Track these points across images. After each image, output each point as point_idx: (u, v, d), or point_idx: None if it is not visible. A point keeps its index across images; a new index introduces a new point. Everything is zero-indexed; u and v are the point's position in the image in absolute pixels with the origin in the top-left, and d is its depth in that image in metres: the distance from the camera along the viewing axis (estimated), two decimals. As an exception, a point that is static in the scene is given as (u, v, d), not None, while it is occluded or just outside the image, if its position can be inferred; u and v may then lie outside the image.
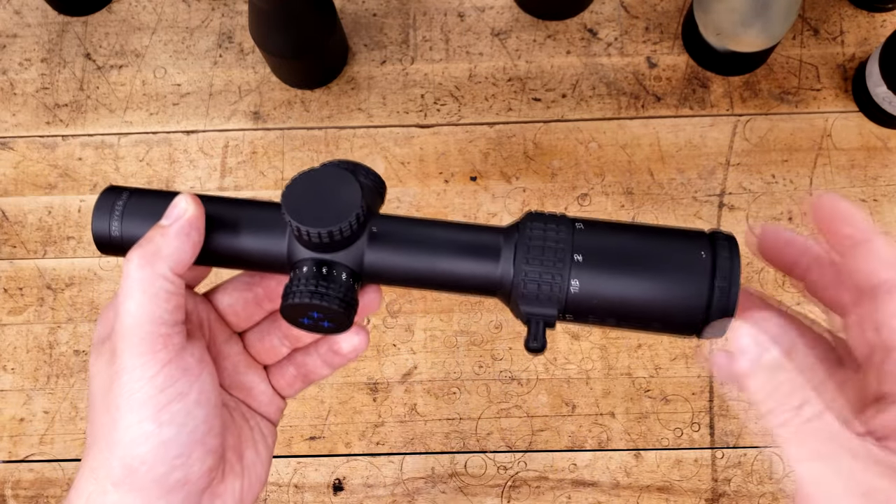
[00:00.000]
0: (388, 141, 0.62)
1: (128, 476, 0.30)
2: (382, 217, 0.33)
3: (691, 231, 0.32)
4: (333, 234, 0.31)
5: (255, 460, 0.36)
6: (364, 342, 0.36)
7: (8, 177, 0.63)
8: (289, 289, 0.31)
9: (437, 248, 0.32)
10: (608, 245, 0.31)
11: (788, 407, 0.26)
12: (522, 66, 0.63)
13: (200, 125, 0.63)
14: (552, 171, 0.61)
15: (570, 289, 0.30)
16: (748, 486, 0.56)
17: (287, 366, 0.38)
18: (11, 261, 0.61)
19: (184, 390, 0.31)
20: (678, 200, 0.60)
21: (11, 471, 0.58)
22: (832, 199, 0.30)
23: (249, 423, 0.36)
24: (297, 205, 0.31)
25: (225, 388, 0.36)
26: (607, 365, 0.58)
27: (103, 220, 0.33)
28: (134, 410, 0.30)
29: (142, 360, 0.30)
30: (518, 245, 0.31)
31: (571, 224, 0.31)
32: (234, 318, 0.37)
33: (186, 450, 0.31)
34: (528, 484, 0.56)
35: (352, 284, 0.32)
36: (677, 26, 0.63)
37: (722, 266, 0.30)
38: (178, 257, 0.31)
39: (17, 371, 0.59)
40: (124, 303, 0.30)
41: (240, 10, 0.65)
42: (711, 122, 0.61)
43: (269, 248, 0.33)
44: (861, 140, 0.60)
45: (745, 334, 0.27)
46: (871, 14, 0.63)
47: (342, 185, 0.31)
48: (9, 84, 0.64)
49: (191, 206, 0.31)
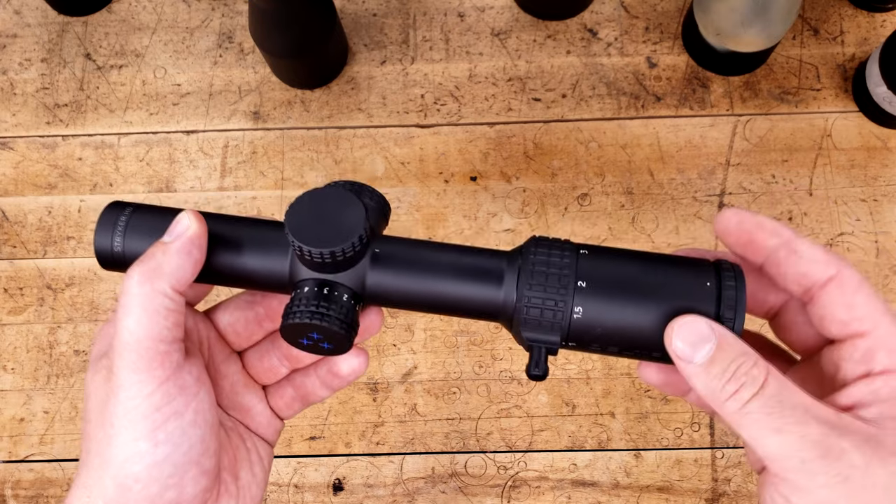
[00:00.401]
0: (388, 141, 0.62)
1: (121, 495, 0.30)
2: (386, 238, 0.33)
3: (697, 260, 0.31)
4: (336, 254, 0.30)
5: (251, 481, 0.35)
6: (363, 365, 0.35)
7: (8, 177, 0.63)
8: (289, 309, 0.31)
9: (440, 271, 0.32)
10: (613, 272, 0.30)
11: (737, 389, 0.27)
12: (522, 66, 0.63)
13: (200, 125, 0.63)
14: (552, 171, 0.61)
15: (574, 315, 0.30)
16: (748, 486, 0.56)
17: (286, 386, 0.37)
18: (11, 261, 0.61)
19: (180, 409, 0.30)
20: (678, 200, 0.60)
21: (11, 471, 0.58)
22: (741, 215, 0.31)
23: (246, 443, 0.36)
24: (300, 224, 0.30)
25: (223, 407, 0.36)
26: (607, 365, 0.58)
27: (106, 236, 0.33)
28: (129, 428, 0.30)
29: (139, 377, 0.30)
30: (521, 270, 0.31)
31: (576, 250, 0.31)
32: (234, 336, 0.36)
33: (181, 470, 0.30)
34: (528, 484, 0.56)
35: (353, 306, 0.32)
36: (677, 26, 0.63)
37: (727, 296, 0.30)
38: (179, 275, 0.30)
39: (17, 371, 0.59)
40: (123, 319, 0.30)
41: (240, 10, 0.65)
42: (711, 122, 0.61)
43: (270, 267, 0.32)
44: (861, 140, 0.60)
45: (676, 339, 0.28)
46: (871, 14, 0.63)
47: (346, 205, 0.31)
48: (9, 84, 0.64)
49: (193, 224, 0.31)
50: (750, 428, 0.27)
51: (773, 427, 0.26)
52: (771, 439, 0.27)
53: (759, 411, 0.27)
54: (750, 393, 0.27)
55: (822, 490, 0.26)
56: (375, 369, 0.58)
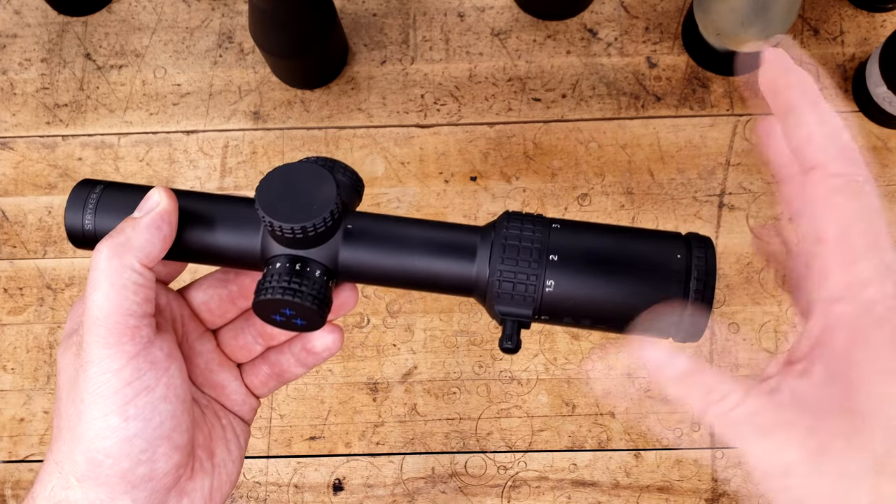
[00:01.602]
0: (388, 141, 0.62)
1: (92, 470, 0.30)
2: (358, 214, 0.33)
3: (668, 233, 0.32)
4: (307, 230, 0.30)
5: (227, 459, 0.35)
6: (338, 341, 0.35)
7: (8, 177, 0.63)
8: (261, 285, 0.31)
9: (413, 247, 0.32)
10: (584, 245, 0.31)
11: (713, 401, 0.26)
12: (522, 66, 0.63)
13: (200, 125, 0.63)
14: (552, 171, 0.61)
15: (545, 289, 0.30)
16: (748, 486, 0.56)
17: (261, 364, 0.37)
18: (11, 261, 0.61)
19: (151, 384, 0.30)
20: (678, 200, 0.60)
21: (11, 471, 0.58)
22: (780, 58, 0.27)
23: (222, 421, 0.36)
24: (270, 200, 0.30)
25: (197, 385, 0.36)
26: (607, 365, 0.58)
27: (76, 214, 0.33)
28: (99, 403, 0.30)
29: (108, 351, 0.30)
30: (494, 244, 0.31)
31: (548, 224, 0.31)
32: (208, 314, 0.36)
33: (152, 445, 0.30)
34: (528, 484, 0.56)
35: (326, 282, 0.32)
36: (677, 26, 0.63)
37: (697, 266, 0.30)
38: (147, 249, 0.30)
39: (17, 371, 0.59)
40: (92, 294, 0.30)
41: (240, 10, 0.65)
42: (711, 122, 0.61)
43: (242, 243, 0.32)
44: (861, 140, 0.60)
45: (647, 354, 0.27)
46: (871, 14, 0.63)
47: (318, 181, 0.31)
48: (9, 84, 0.64)
49: (163, 200, 0.31)
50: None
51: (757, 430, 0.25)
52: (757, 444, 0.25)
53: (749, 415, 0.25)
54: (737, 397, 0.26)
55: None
56: (375, 369, 0.58)
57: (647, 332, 0.31)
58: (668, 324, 0.30)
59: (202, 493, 0.33)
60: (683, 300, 0.30)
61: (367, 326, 0.59)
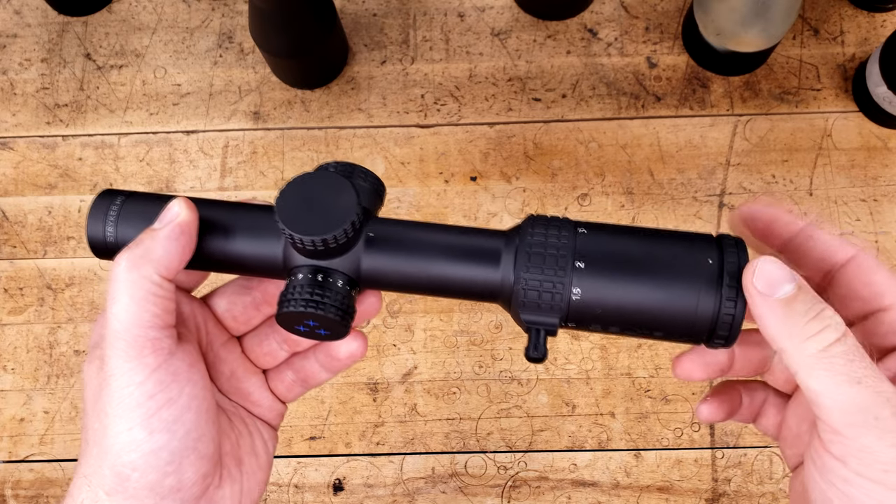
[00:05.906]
0: (388, 141, 0.62)
1: (120, 483, 0.30)
2: (380, 221, 0.32)
3: (698, 235, 0.31)
4: (328, 242, 0.30)
5: (255, 466, 0.35)
6: (362, 348, 0.35)
7: (8, 177, 0.63)
8: (284, 297, 0.31)
9: (436, 253, 0.31)
10: (611, 251, 0.30)
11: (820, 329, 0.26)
12: (522, 66, 0.63)
13: (200, 125, 0.63)
14: (552, 171, 0.61)
15: (572, 297, 0.29)
16: (748, 486, 0.56)
17: (286, 370, 0.37)
18: (11, 261, 0.61)
19: (174, 396, 0.30)
20: (678, 200, 0.60)
21: (11, 471, 0.58)
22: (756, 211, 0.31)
23: (249, 427, 0.36)
24: (290, 212, 0.30)
25: (223, 392, 0.36)
26: (607, 365, 0.58)
27: (98, 225, 0.33)
28: (123, 417, 0.29)
29: (130, 364, 0.29)
30: (518, 251, 0.30)
31: (574, 228, 0.30)
32: (232, 322, 0.36)
33: (178, 456, 0.30)
34: (528, 484, 0.56)
35: (348, 292, 0.31)
36: (677, 26, 0.63)
37: (730, 272, 0.29)
38: (167, 261, 0.30)
39: (17, 371, 0.59)
40: (112, 307, 0.30)
41: (240, 10, 0.65)
42: (711, 122, 0.61)
43: (264, 253, 0.32)
44: (861, 140, 0.60)
45: (757, 278, 0.27)
46: (871, 14, 0.63)
47: (337, 190, 0.30)
48: (9, 84, 0.64)
49: (184, 211, 0.31)
50: (825, 374, 0.26)
51: (854, 377, 0.25)
52: (845, 389, 0.25)
53: (843, 356, 0.26)
54: (834, 336, 0.26)
55: (891, 450, 0.25)
56: (375, 369, 0.58)
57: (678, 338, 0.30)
58: (700, 329, 0.30)
59: (231, 500, 0.33)
60: (715, 305, 0.29)
61: (366, 326, 0.59)
